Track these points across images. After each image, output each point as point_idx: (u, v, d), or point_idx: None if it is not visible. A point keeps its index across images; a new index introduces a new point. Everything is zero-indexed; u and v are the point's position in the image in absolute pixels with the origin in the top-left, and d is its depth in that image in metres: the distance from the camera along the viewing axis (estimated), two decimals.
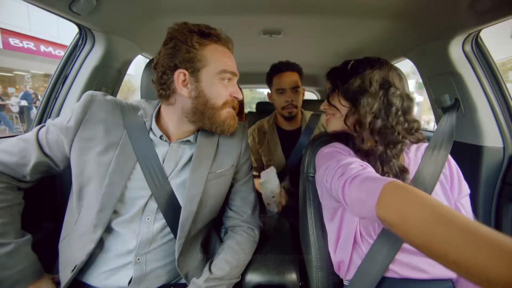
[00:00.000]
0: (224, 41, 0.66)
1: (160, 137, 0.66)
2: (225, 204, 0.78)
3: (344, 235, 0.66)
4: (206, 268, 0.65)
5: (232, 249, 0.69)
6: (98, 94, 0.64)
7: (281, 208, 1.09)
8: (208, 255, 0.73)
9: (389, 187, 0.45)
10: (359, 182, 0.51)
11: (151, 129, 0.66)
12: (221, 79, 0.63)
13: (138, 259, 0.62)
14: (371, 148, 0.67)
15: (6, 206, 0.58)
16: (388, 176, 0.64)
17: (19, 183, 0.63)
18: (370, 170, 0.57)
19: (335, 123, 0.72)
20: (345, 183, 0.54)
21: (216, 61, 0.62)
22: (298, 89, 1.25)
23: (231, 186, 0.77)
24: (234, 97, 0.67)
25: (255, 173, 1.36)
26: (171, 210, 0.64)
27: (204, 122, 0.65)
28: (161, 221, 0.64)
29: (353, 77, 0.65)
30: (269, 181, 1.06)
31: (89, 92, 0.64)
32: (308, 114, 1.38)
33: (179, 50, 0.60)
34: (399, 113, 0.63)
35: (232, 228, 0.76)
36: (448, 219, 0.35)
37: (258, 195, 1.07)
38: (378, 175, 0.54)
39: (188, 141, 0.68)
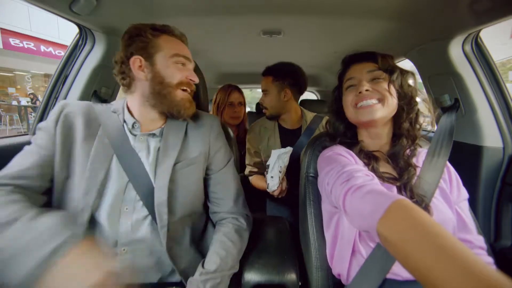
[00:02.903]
0: (177, 35, 0.72)
1: (133, 125, 0.70)
2: (207, 200, 0.79)
3: (341, 245, 0.65)
4: (200, 264, 0.66)
5: (220, 241, 0.70)
6: (70, 101, 0.71)
7: (279, 191, 1.07)
8: (204, 250, 0.73)
9: (396, 205, 0.44)
10: (364, 193, 0.50)
11: (124, 121, 0.71)
12: (175, 62, 0.69)
13: (124, 249, 0.63)
14: (380, 149, 0.69)
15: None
16: (401, 175, 0.64)
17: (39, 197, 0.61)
18: (376, 181, 0.56)
19: (387, 110, 0.66)
20: (349, 191, 0.53)
21: (169, 47, 0.69)
22: (266, 92, 1.30)
23: (210, 178, 0.77)
24: (190, 79, 0.72)
25: (254, 169, 1.38)
26: (150, 198, 0.65)
27: (162, 103, 0.69)
28: (140, 211, 0.65)
29: (404, 71, 0.67)
30: (282, 157, 1.05)
31: (61, 101, 0.70)
32: (310, 114, 1.38)
33: (134, 41, 0.67)
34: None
35: (218, 223, 0.77)
36: (450, 255, 0.34)
37: (251, 191, 1.04)
38: (384, 189, 0.53)
39: (154, 134, 0.71)
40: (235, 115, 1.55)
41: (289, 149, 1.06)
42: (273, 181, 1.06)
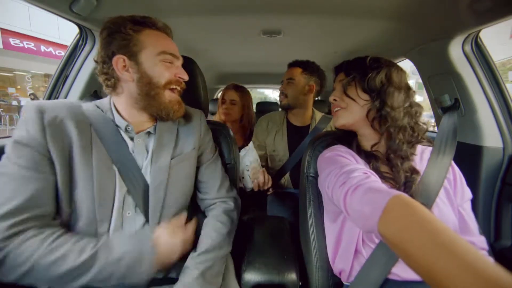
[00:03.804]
0: (161, 27, 0.67)
1: (126, 128, 0.65)
2: (196, 189, 0.79)
3: (345, 244, 0.65)
4: (192, 250, 0.66)
5: (209, 224, 0.71)
6: (45, 102, 0.60)
7: (257, 186, 1.08)
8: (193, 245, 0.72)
9: (393, 203, 0.44)
10: (362, 193, 0.50)
11: (116, 125, 0.65)
12: (162, 60, 0.64)
13: None
14: (377, 149, 0.68)
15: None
16: (397, 177, 0.63)
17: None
18: (373, 178, 0.56)
19: (348, 116, 0.69)
20: (347, 193, 0.53)
21: (153, 44, 0.63)
22: (291, 81, 1.31)
23: (197, 170, 0.78)
24: (180, 77, 0.67)
25: None
26: (145, 200, 0.64)
27: (152, 105, 0.65)
28: (138, 214, 0.65)
29: (374, 70, 0.65)
30: (246, 155, 1.09)
31: (32, 102, 0.59)
32: (319, 114, 1.40)
33: (114, 38, 0.61)
34: (417, 114, 0.66)
35: (207, 209, 0.79)
36: (449, 250, 0.34)
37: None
38: (382, 185, 0.53)
39: (149, 132, 0.69)
40: (224, 111, 1.61)
41: (248, 147, 1.10)
42: (244, 180, 1.09)
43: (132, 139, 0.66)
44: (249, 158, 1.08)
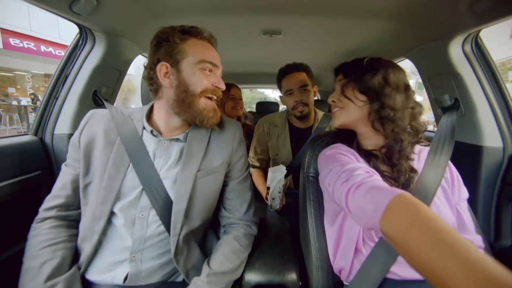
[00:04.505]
0: (206, 37, 0.70)
1: (151, 132, 0.69)
2: (220, 203, 0.78)
3: (345, 243, 0.65)
4: (205, 264, 0.66)
5: (229, 244, 0.70)
6: (99, 109, 0.74)
7: (280, 207, 1.15)
8: (207, 253, 0.73)
9: (396, 201, 0.44)
10: (365, 191, 0.50)
11: (144, 128, 0.70)
12: (201, 69, 0.66)
13: (134, 256, 0.63)
14: (377, 148, 0.68)
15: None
16: (398, 177, 0.63)
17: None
18: (376, 177, 0.56)
19: (346, 116, 0.69)
20: (349, 190, 0.53)
21: (195, 52, 0.66)
22: (307, 88, 1.25)
23: (226, 185, 0.77)
24: (216, 86, 0.68)
25: (256, 164, 1.39)
26: (164, 206, 0.64)
27: (186, 112, 0.67)
28: (155, 218, 0.65)
29: (371, 72, 0.65)
30: (281, 178, 1.11)
31: (91, 111, 0.73)
32: (320, 113, 1.38)
33: (162, 46, 0.66)
34: (419, 114, 0.67)
35: (228, 226, 0.77)
36: (451, 248, 0.34)
37: (256, 191, 1.11)
38: (385, 184, 0.53)
39: (178, 139, 0.70)
40: (237, 106, 1.72)
41: (284, 171, 1.13)
42: (274, 201, 1.15)
43: (159, 141, 0.69)
44: (281, 181, 1.12)
